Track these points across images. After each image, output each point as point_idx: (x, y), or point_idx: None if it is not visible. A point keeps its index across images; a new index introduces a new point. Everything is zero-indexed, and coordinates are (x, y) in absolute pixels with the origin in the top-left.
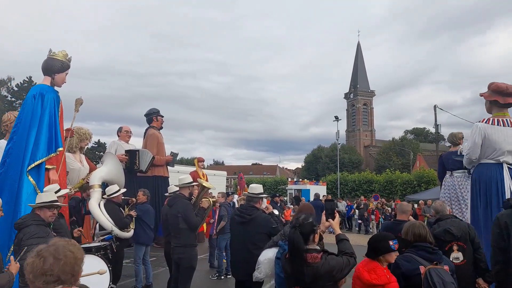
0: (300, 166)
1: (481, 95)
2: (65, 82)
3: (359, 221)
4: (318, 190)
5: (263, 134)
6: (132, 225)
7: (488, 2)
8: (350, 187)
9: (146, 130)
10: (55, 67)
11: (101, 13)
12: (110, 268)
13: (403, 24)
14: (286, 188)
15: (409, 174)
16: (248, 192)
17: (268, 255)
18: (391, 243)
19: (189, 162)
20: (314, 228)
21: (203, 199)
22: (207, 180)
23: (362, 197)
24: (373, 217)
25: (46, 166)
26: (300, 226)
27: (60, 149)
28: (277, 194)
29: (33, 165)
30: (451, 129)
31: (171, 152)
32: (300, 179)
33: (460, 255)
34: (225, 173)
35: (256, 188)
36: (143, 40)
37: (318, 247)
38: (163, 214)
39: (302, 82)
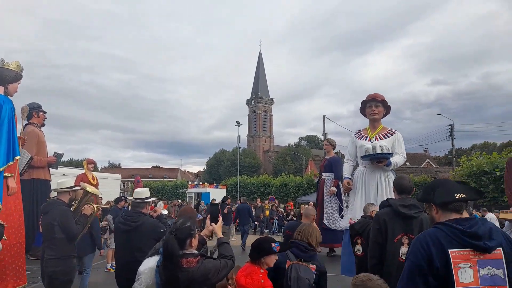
0: (202, 170)
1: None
2: (16, 92)
3: (255, 223)
4: (218, 193)
5: (165, 136)
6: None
7: (370, 28)
8: (249, 190)
9: (24, 127)
10: (9, 77)
11: None
12: None
13: (302, 39)
14: (186, 191)
15: (301, 178)
16: (133, 198)
17: (149, 264)
18: (273, 245)
19: (79, 164)
20: (191, 232)
21: (86, 205)
22: (97, 184)
23: (258, 200)
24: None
25: (5, 174)
26: (176, 231)
27: (18, 157)
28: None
29: None
30: (337, 137)
31: (55, 152)
32: (201, 183)
33: (360, 248)
34: (119, 176)
35: (142, 192)
36: (30, 26)
37: (195, 252)
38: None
39: (207, 86)
